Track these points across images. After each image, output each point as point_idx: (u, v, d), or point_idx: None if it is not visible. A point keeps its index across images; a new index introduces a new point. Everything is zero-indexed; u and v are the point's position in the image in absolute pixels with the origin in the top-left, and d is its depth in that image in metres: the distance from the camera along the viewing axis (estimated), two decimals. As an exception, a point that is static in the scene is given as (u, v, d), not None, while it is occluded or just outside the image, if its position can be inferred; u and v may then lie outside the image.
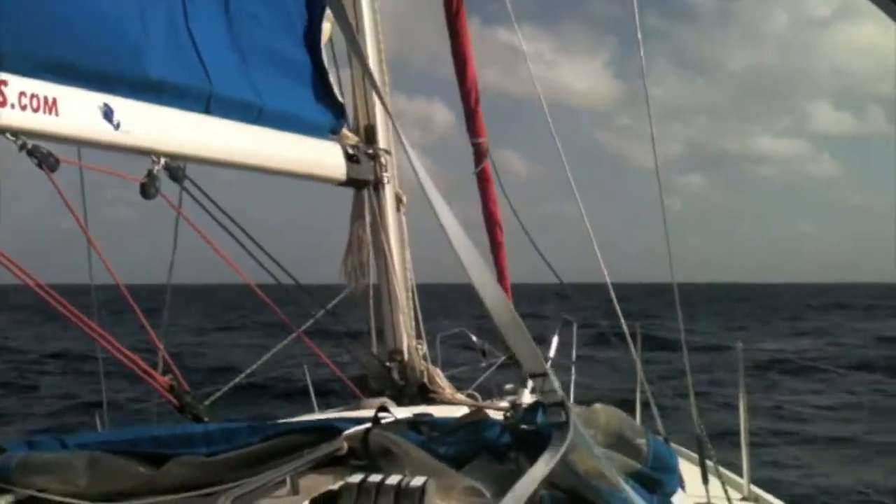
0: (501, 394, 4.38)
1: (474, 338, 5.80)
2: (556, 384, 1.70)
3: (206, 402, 3.29)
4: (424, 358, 3.94)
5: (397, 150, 3.91)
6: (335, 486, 1.69)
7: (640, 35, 4.16)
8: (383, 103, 3.32)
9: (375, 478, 1.66)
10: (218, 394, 3.78)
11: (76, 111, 2.58)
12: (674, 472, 1.88)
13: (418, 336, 4.00)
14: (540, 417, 1.90)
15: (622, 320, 3.94)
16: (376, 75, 3.70)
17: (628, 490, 1.54)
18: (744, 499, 3.98)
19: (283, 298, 3.80)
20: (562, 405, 1.69)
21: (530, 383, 4.36)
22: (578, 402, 2.54)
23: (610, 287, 4.02)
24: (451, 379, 4.23)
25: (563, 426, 1.68)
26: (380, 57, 3.92)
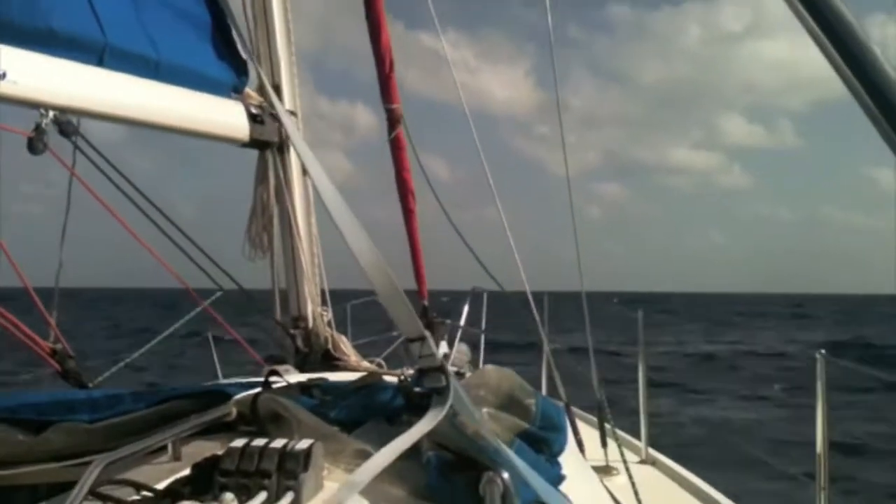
0: (412, 363, 4.38)
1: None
2: (434, 348, 1.68)
3: (98, 379, 3.18)
4: (329, 325, 3.89)
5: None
6: (219, 452, 1.64)
7: (553, 40, 4.20)
8: (290, 53, 3.22)
9: (260, 442, 1.62)
10: (112, 369, 3.65)
11: (-43, 59, 2.42)
12: (561, 430, 1.90)
13: (324, 303, 3.94)
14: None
15: (529, 294, 3.98)
16: (282, 33, 3.59)
17: (506, 450, 1.55)
18: (641, 461, 4.10)
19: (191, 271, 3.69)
20: (441, 369, 1.67)
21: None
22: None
23: (525, 282, 4.04)
24: (362, 349, 4.20)
25: (444, 391, 1.67)
26: (285, 15, 3.81)
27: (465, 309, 5.37)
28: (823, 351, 3.43)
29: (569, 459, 1.97)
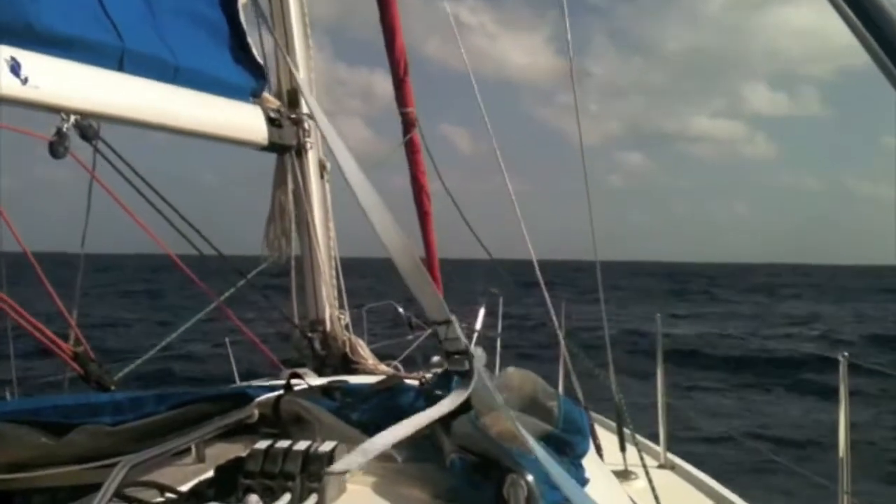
0: (428, 366, 4.38)
1: (401, 310, 5.79)
2: (460, 332, 1.68)
3: (118, 377, 3.19)
4: (347, 328, 3.89)
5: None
6: (243, 454, 1.65)
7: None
8: (300, 65, 3.23)
9: (283, 444, 1.62)
10: (129, 367, 3.67)
11: (-19, 65, 2.44)
12: (585, 434, 1.89)
13: (341, 306, 3.95)
14: (455, 379, 1.89)
15: (545, 294, 3.97)
16: (300, 38, 3.60)
17: (538, 449, 1.54)
18: (660, 466, 4.07)
19: (206, 269, 3.71)
20: (465, 353, 1.67)
21: None
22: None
23: (535, 263, 4.03)
24: (378, 352, 4.20)
25: (467, 374, 1.67)
26: (304, 19, 3.82)
27: (481, 312, 5.36)
28: (847, 353, 3.40)
29: (589, 464, 1.96)
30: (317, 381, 2.63)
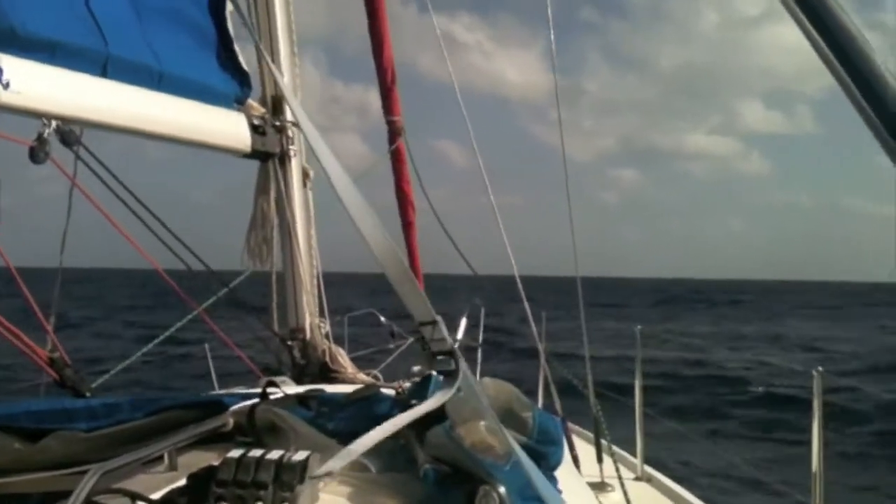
0: (408, 376, 4.38)
1: (383, 319, 5.79)
2: (446, 332, 1.69)
3: (95, 385, 3.17)
4: (327, 337, 3.89)
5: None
6: (216, 462, 1.65)
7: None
8: (281, 74, 3.23)
9: (256, 452, 1.62)
10: (106, 375, 3.65)
11: (-38, 68, 2.43)
12: (558, 445, 1.90)
13: (321, 314, 3.94)
14: (431, 388, 1.89)
15: (526, 305, 3.99)
16: (285, 45, 3.61)
17: (521, 454, 1.54)
18: (637, 478, 4.09)
19: (187, 280, 3.69)
20: (451, 353, 1.67)
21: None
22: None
23: (517, 275, 4.05)
24: (359, 361, 4.19)
25: (453, 375, 1.68)
26: (289, 26, 3.83)
27: (463, 322, 5.37)
28: (821, 368, 3.43)
29: (564, 474, 1.97)
30: (293, 389, 2.63)
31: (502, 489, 1.55)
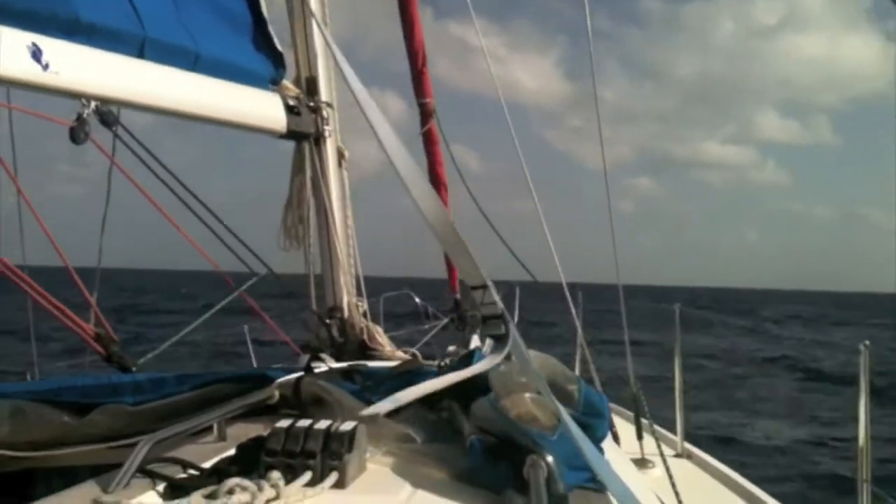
0: (444, 356, 4.39)
1: (418, 300, 5.81)
2: (496, 296, 1.68)
3: (141, 361, 3.22)
4: (364, 315, 3.90)
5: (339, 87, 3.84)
6: (264, 433, 1.66)
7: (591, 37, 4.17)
8: (328, 44, 3.23)
9: (305, 423, 1.63)
10: (153, 353, 3.69)
11: (3, 50, 2.45)
12: (604, 417, 1.89)
13: (359, 294, 3.95)
14: (475, 360, 1.89)
15: (563, 279, 3.97)
16: (320, 22, 3.59)
17: (569, 422, 1.53)
18: (677, 455, 4.06)
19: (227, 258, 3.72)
20: (501, 317, 1.67)
21: (472, 343, 4.37)
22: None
23: (560, 272, 4.02)
24: (394, 340, 4.20)
25: (504, 338, 1.67)
26: (323, 6, 3.82)
27: (498, 301, 5.36)
28: (868, 342, 3.37)
29: (607, 449, 1.96)
30: (336, 365, 2.64)
31: (550, 458, 1.53)
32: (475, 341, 4.40)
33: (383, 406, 1.46)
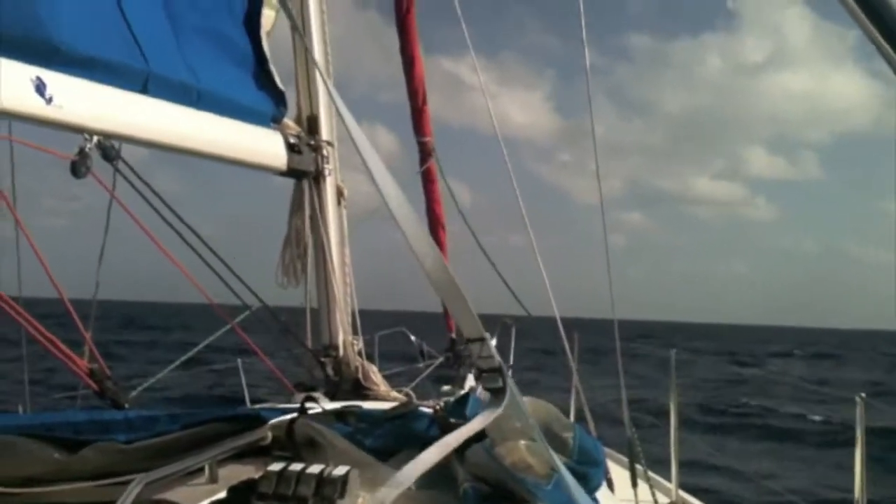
0: (439, 395, 4.36)
1: (413, 338, 5.79)
2: (494, 350, 1.67)
3: (133, 394, 3.19)
4: (360, 354, 3.89)
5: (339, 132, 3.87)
6: (255, 475, 1.64)
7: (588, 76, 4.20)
8: (328, 88, 3.26)
9: (297, 466, 1.61)
10: (143, 385, 3.67)
11: (7, 83, 2.47)
12: (599, 465, 1.88)
13: (354, 332, 3.95)
14: (470, 406, 1.87)
15: (560, 326, 3.95)
16: (321, 64, 3.64)
17: (564, 472, 1.52)
18: (671, 503, 4.02)
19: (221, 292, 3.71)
20: (499, 371, 1.65)
21: (467, 382, 4.35)
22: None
23: (555, 309, 4.00)
24: (388, 379, 4.18)
25: (500, 393, 1.65)
26: (325, 48, 3.87)
27: (493, 341, 5.33)
28: (864, 395, 3.36)
29: (602, 498, 1.94)
30: (330, 405, 2.62)
31: (544, 508, 1.52)
32: (470, 380, 4.38)
33: (387, 493, 1.44)
